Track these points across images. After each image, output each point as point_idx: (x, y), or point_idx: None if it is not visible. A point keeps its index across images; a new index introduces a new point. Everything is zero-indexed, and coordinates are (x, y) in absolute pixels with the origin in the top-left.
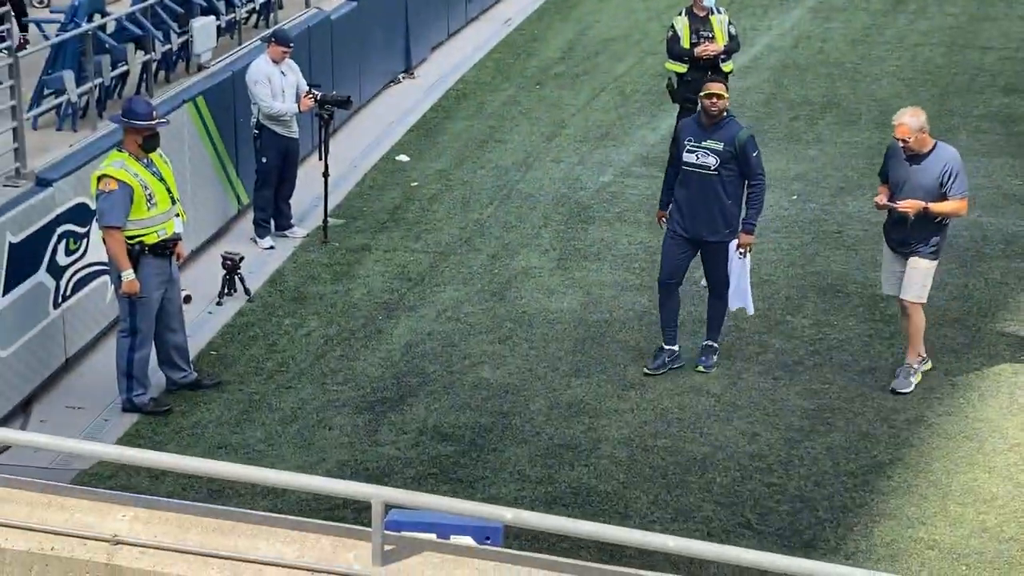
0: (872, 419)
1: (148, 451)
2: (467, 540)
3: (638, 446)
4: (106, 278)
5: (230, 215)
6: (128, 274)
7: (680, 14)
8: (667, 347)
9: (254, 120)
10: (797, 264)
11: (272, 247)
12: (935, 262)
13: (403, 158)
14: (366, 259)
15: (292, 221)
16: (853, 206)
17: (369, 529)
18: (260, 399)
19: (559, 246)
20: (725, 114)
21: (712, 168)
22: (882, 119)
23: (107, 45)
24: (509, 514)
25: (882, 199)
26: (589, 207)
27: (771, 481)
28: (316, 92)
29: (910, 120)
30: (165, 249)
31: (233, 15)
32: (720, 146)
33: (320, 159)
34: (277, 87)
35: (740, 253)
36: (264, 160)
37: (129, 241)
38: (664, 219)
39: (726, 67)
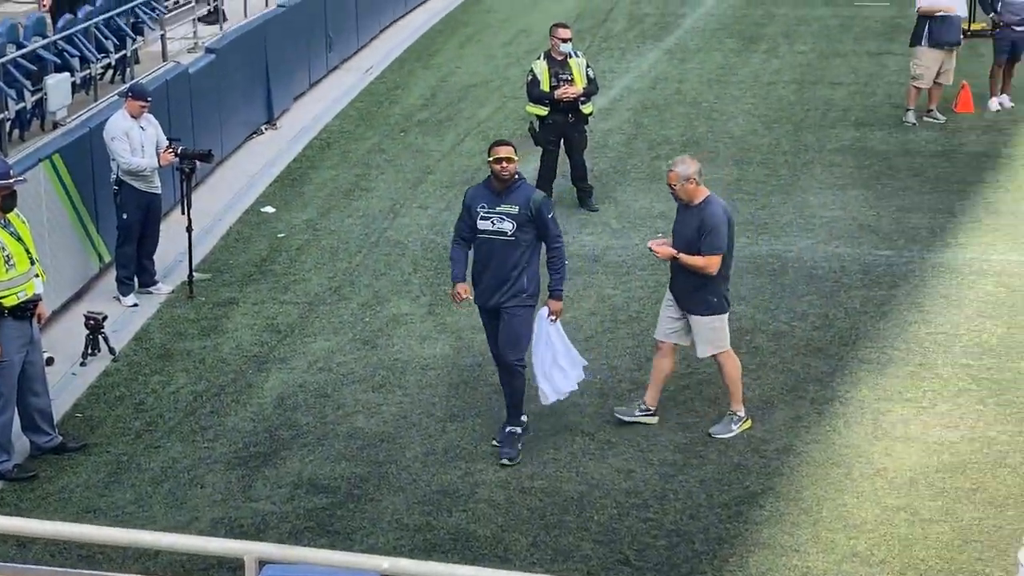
0: (743, 450)
1: (15, 519)
2: None
3: (515, 488)
4: None
5: (92, 273)
6: None
7: (539, 58)
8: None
9: (114, 176)
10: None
11: (136, 304)
12: (715, 315)
13: (268, 209)
14: (234, 313)
15: (156, 277)
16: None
17: None
18: (128, 460)
19: (429, 292)
20: (516, 177)
21: (509, 233)
22: (740, 156)
23: None
24: (386, 563)
25: (653, 243)
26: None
27: (647, 516)
28: (176, 146)
29: (679, 168)
30: (26, 311)
31: (88, 71)
32: (515, 210)
33: (183, 213)
34: (136, 142)
35: (551, 320)
36: (125, 216)
37: None
38: (465, 293)
39: (586, 109)
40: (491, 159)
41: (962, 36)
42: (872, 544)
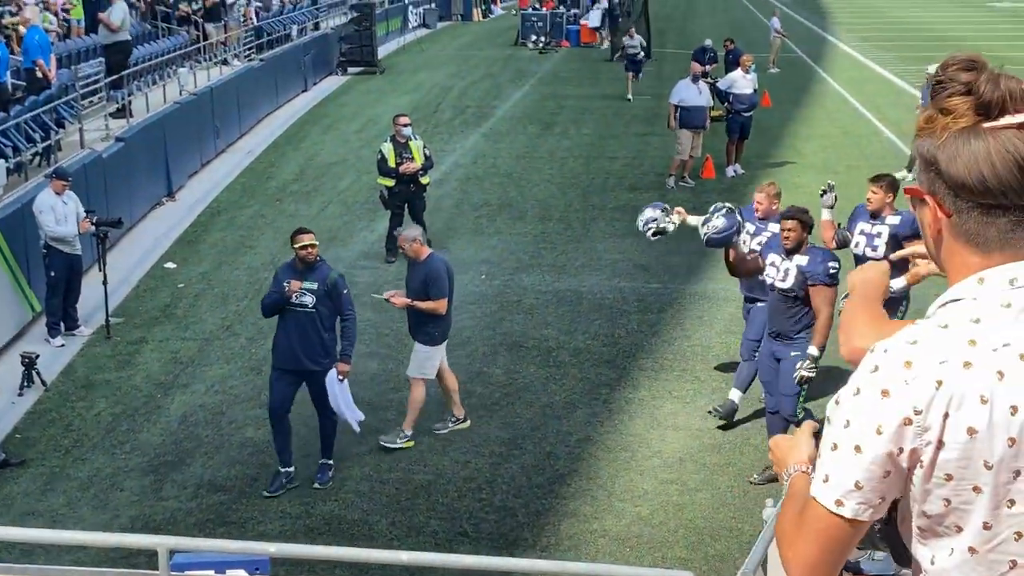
0: (553, 441)
1: None
2: (240, 573)
3: (376, 480)
4: None
5: (26, 320)
6: None
7: (386, 141)
8: (283, 469)
9: (42, 242)
10: (489, 327)
11: (63, 344)
12: (432, 346)
13: (170, 265)
14: (144, 349)
15: (79, 322)
16: (527, 280)
17: (159, 572)
18: (60, 471)
19: None
20: (318, 258)
21: (310, 306)
22: (543, 214)
23: None
24: (272, 548)
25: (387, 294)
26: None
27: (481, 497)
28: (92, 216)
29: (407, 233)
30: None
31: (20, 158)
32: (315, 286)
33: (100, 270)
34: (60, 214)
35: (340, 379)
36: (52, 274)
37: None
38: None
39: (424, 180)
40: (296, 246)
41: (708, 121)
42: (653, 510)
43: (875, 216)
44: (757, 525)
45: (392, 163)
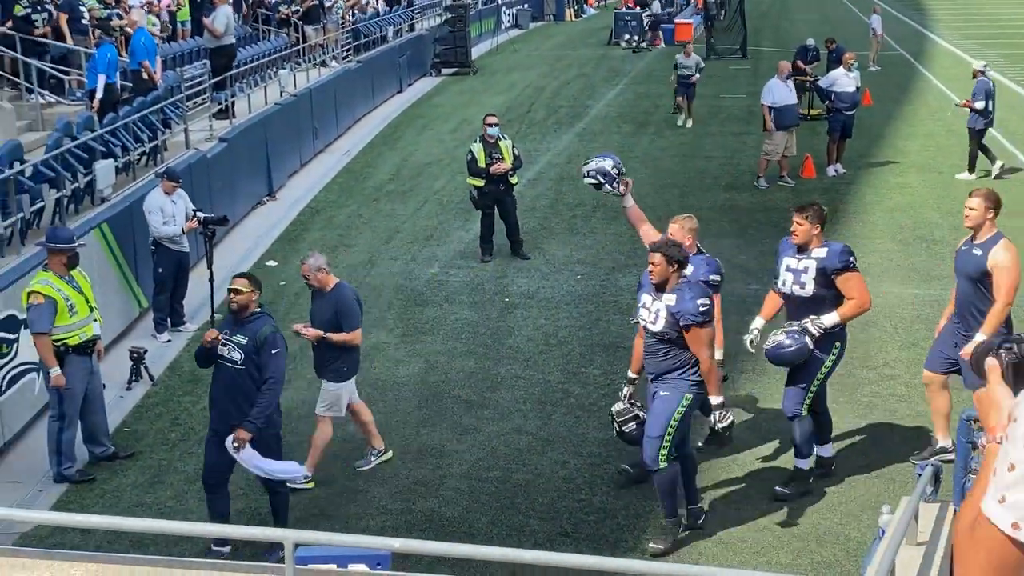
0: None
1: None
2: (362, 567)
3: (475, 478)
4: (35, 374)
5: (133, 316)
6: (55, 371)
7: (476, 142)
8: (215, 548)
9: (151, 239)
10: (585, 327)
11: (169, 340)
12: (340, 383)
13: (271, 263)
14: None
15: (184, 318)
16: (623, 280)
17: (283, 565)
18: (167, 464)
19: (401, 325)
20: (255, 310)
21: (239, 363)
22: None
23: (26, 186)
24: (396, 543)
25: (297, 327)
26: (423, 293)
27: (580, 498)
28: (199, 215)
29: (311, 261)
30: (86, 348)
31: (128, 157)
32: (245, 341)
33: (207, 267)
34: (168, 213)
35: (234, 447)
36: (160, 271)
37: (55, 343)
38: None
39: (513, 179)
40: (230, 287)
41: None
42: (756, 514)
43: (801, 250)
44: (864, 531)
45: (482, 163)
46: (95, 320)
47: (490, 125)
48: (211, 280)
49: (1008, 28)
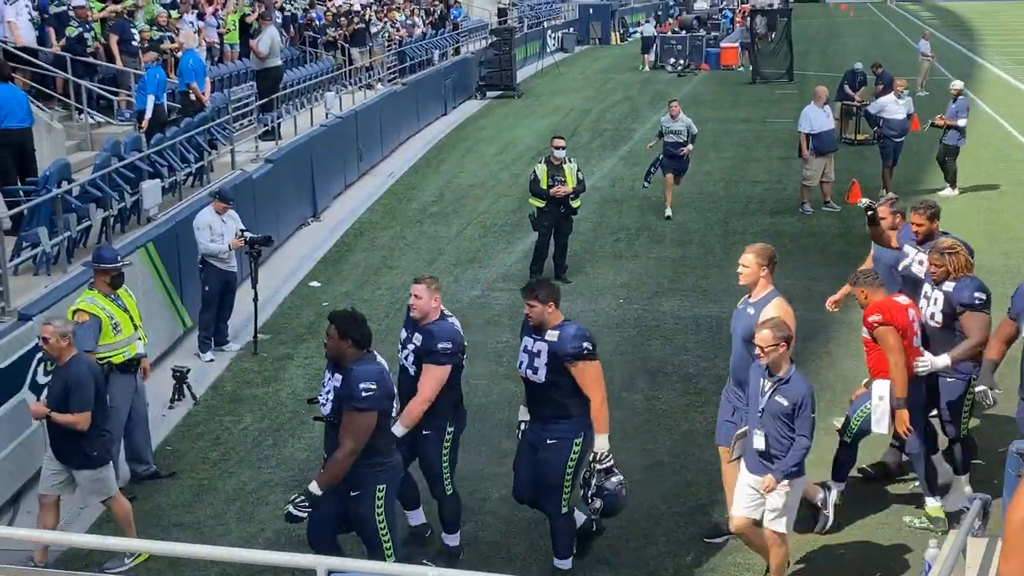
0: (694, 470)
1: (147, 541)
2: None
3: (514, 503)
4: None
5: (177, 335)
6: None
7: (541, 162)
8: None
9: (199, 257)
10: (627, 352)
11: (212, 359)
12: (97, 468)
13: (315, 284)
14: (289, 365)
15: (228, 338)
16: (667, 305)
17: None
18: (208, 484)
19: None
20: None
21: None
22: (681, 238)
23: (73, 205)
24: (432, 572)
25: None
26: (465, 315)
27: (620, 524)
28: (246, 235)
29: (55, 326)
30: (130, 367)
31: (174, 177)
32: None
33: (252, 287)
34: (217, 231)
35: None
36: (207, 288)
37: (100, 361)
38: None
39: (575, 203)
40: None
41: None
42: (798, 545)
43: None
44: (906, 565)
45: (544, 184)
46: (140, 339)
47: (557, 147)
48: (255, 300)
49: None
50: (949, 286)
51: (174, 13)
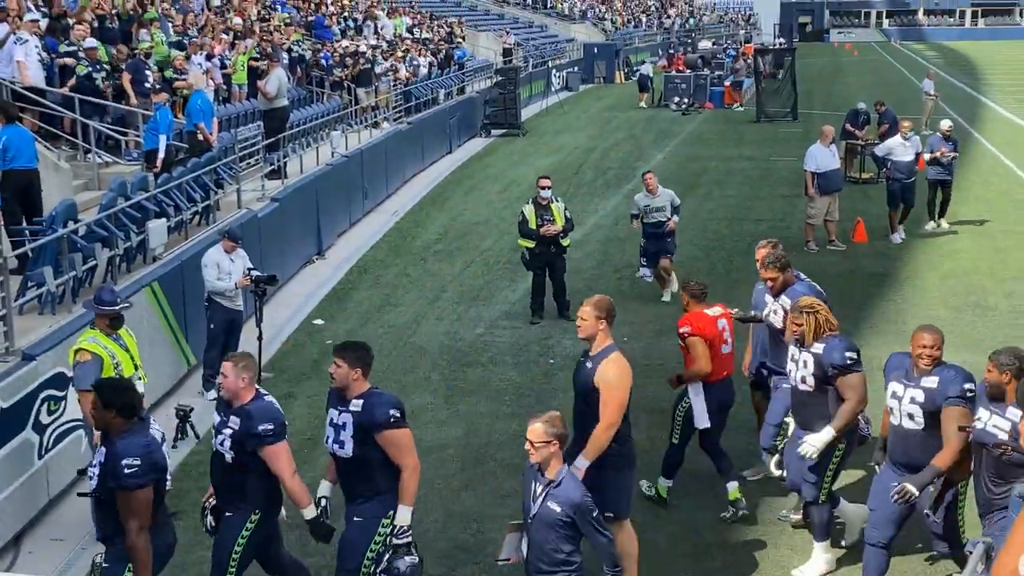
0: (699, 510)
1: None
2: None
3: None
4: (81, 431)
5: (181, 373)
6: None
7: (528, 203)
8: None
9: (206, 294)
10: (631, 391)
11: (216, 398)
12: None
13: (319, 322)
14: (293, 404)
15: None
16: (669, 344)
17: None
18: None
19: (445, 386)
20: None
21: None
22: (686, 276)
23: (79, 245)
24: None
25: None
26: (468, 354)
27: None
28: (251, 273)
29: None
30: None
31: (180, 216)
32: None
33: (256, 326)
34: (225, 269)
35: None
36: (212, 326)
37: None
38: None
39: (564, 242)
40: None
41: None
42: None
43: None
44: None
45: (533, 224)
46: (140, 379)
47: (543, 187)
48: (260, 338)
49: None
50: (818, 348)
51: (181, 53)
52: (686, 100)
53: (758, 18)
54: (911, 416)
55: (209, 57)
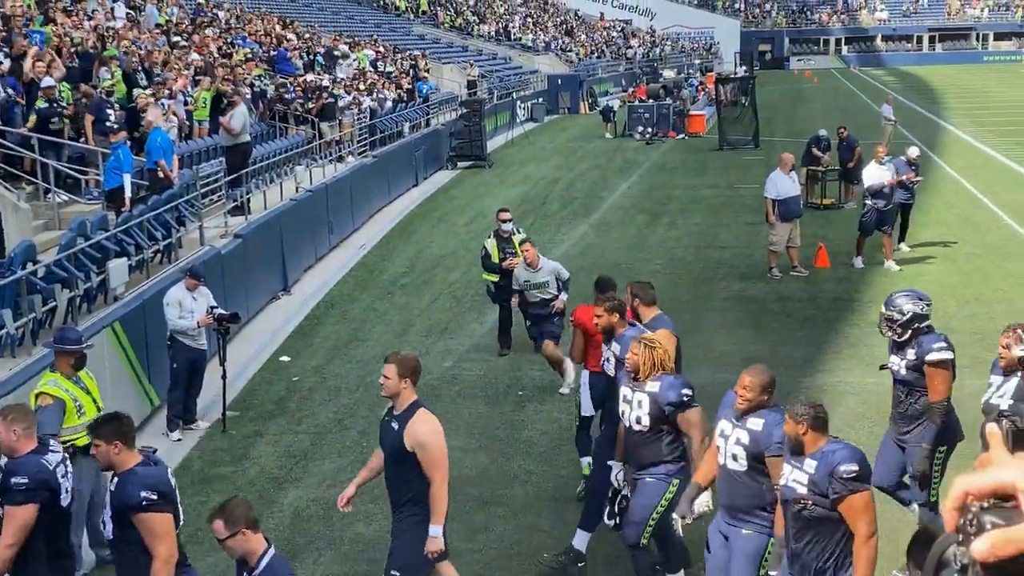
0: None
1: None
2: None
3: None
4: None
5: (145, 414)
6: None
7: (490, 237)
8: None
9: (168, 333)
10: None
11: (180, 439)
12: None
13: (285, 359)
14: (259, 443)
15: (197, 416)
16: None
17: None
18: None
19: None
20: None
21: None
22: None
23: (38, 287)
24: None
25: None
26: (437, 388)
27: None
28: (214, 312)
29: None
30: None
31: (142, 255)
32: None
33: (220, 364)
34: (187, 308)
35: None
36: (175, 366)
37: (64, 445)
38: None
39: None
40: None
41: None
42: None
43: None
44: None
45: (495, 258)
46: None
47: (503, 220)
48: (223, 377)
49: (1021, 115)
50: (653, 386)
51: (145, 91)
52: (650, 129)
53: (719, 47)
54: (735, 457)
55: (171, 95)
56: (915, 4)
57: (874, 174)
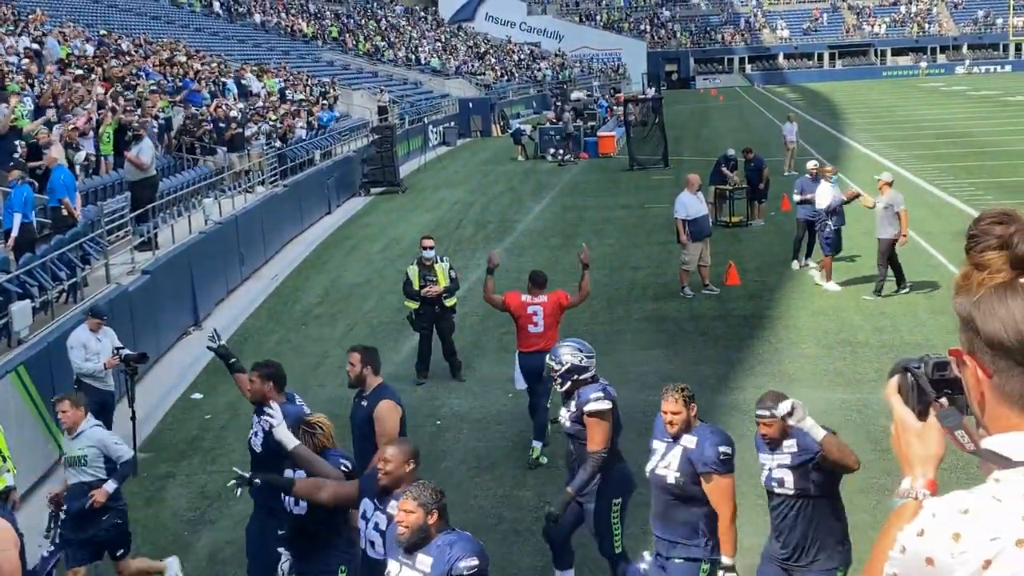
0: (592, 569)
1: None
2: None
3: None
4: None
5: (52, 460)
6: None
7: (412, 263)
8: None
9: (75, 377)
10: (518, 448)
11: None
12: None
13: (197, 396)
14: (171, 484)
15: None
16: (555, 398)
17: None
18: None
19: None
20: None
21: None
22: (568, 327)
23: None
24: None
25: None
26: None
27: None
28: (120, 353)
29: None
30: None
31: (45, 296)
32: None
33: (129, 406)
34: (92, 350)
35: None
36: None
37: None
38: None
39: (449, 302)
40: None
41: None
42: None
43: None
44: None
45: (416, 286)
46: (9, 471)
47: (426, 248)
48: (133, 418)
49: (922, 130)
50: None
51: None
52: (561, 151)
53: (626, 68)
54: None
55: (81, 132)
56: (815, 22)
57: (828, 193)
